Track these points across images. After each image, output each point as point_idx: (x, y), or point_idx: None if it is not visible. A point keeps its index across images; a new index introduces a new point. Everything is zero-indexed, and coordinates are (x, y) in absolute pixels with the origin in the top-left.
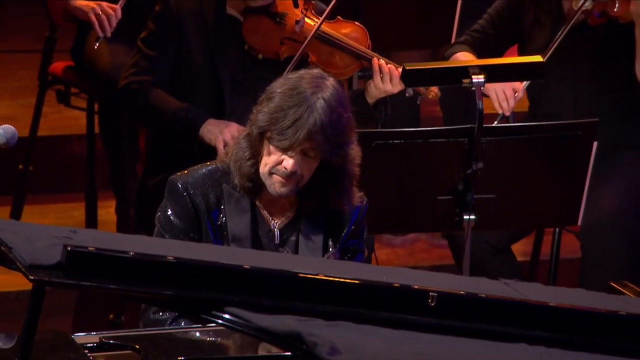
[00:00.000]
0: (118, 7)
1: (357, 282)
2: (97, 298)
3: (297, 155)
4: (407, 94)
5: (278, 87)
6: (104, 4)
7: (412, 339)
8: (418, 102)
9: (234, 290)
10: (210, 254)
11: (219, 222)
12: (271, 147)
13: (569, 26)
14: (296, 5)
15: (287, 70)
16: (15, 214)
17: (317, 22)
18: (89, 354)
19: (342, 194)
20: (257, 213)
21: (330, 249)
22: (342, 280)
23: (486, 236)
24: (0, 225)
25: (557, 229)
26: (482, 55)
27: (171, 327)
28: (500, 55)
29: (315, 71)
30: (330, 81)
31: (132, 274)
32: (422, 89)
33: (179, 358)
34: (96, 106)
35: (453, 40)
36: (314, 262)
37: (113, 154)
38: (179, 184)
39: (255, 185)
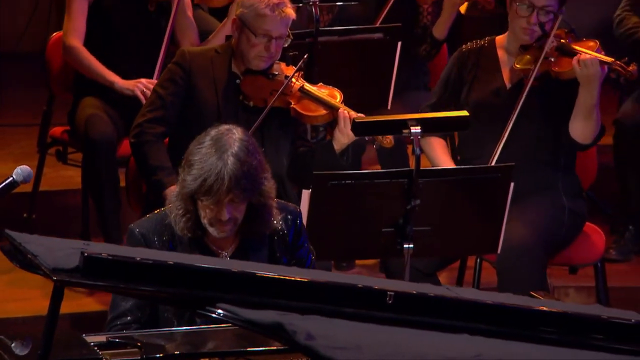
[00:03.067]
0: (155, 80)
1: (326, 282)
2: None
3: (226, 206)
4: (367, 138)
5: (194, 154)
6: (144, 80)
7: (374, 330)
8: (375, 147)
9: (224, 290)
10: (202, 261)
11: None
12: (204, 204)
13: (527, 89)
14: (287, 65)
15: (267, 108)
16: None
17: (301, 82)
18: (98, 350)
19: (265, 222)
20: (206, 249)
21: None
22: (314, 281)
23: (415, 263)
24: (25, 239)
25: (478, 260)
26: None
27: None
28: None
29: (223, 128)
30: (237, 135)
31: (139, 276)
32: (379, 137)
33: (176, 352)
34: None
35: (389, 107)
36: (288, 268)
37: (98, 205)
38: (136, 231)
39: (194, 235)
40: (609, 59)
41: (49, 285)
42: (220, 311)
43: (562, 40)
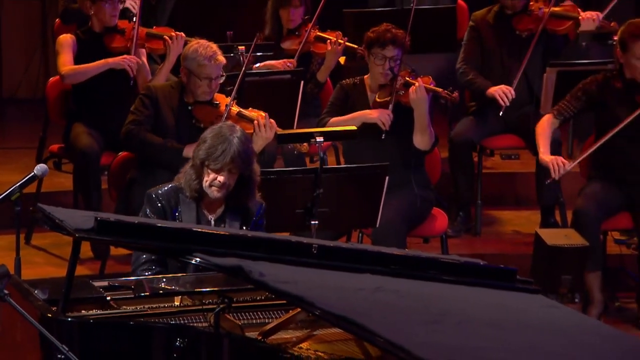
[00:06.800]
0: (135, 57)
1: (270, 238)
2: None
3: (225, 173)
4: (289, 146)
5: (208, 134)
6: (127, 56)
7: (304, 271)
8: (295, 153)
9: (198, 243)
10: (184, 225)
11: (177, 218)
12: (209, 170)
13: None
14: (227, 97)
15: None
16: (28, 239)
17: (237, 108)
18: (102, 291)
19: (250, 193)
20: (200, 211)
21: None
22: (262, 237)
23: (318, 235)
24: (52, 210)
25: (360, 233)
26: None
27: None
28: None
29: (229, 123)
30: (238, 127)
31: (138, 233)
32: (297, 145)
33: (160, 291)
34: None
35: (295, 126)
36: (244, 231)
37: (86, 201)
38: (153, 195)
39: (199, 195)
40: (438, 89)
41: (49, 257)
42: (197, 259)
43: (407, 78)
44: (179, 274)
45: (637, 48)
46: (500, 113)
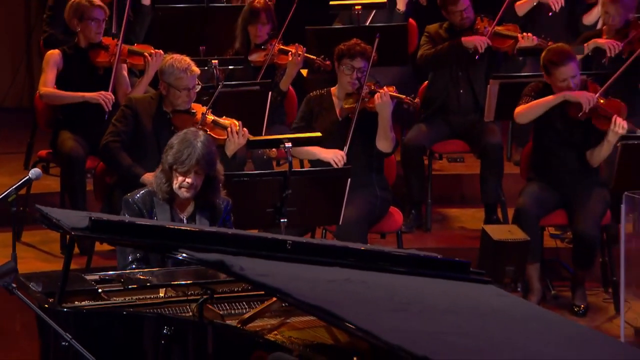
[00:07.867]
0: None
1: (248, 235)
2: None
3: (192, 175)
4: (259, 151)
5: (174, 140)
6: (102, 92)
7: (281, 265)
8: (265, 157)
9: (183, 240)
10: (168, 224)
11: (154, 217)
12: (177, 173)
13: (354, 121)
14: (203, 106)
15: None
16: (18, 235)
17: (212, 117)
18: (94, 284)
19: (215, 191)
20: (173, 211)
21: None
22: (240, 234)
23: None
24: (50, 210)
25: (324, 230)
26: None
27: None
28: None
29: (192, 129)
30: (201, 132)
31: (128, 232)
32: (266, 150)
33: (147, 283)
34: None
35: (263, 133)
36: (224, 229)
37: (71, 201)
38: (130, 200)
39: (170, 197)
40: (402, 96)
41: (38, 253)
42: (183, 254)
43: (372, 87)
44: (155, 269)
45: (558, 73)
46: (477, 57)
